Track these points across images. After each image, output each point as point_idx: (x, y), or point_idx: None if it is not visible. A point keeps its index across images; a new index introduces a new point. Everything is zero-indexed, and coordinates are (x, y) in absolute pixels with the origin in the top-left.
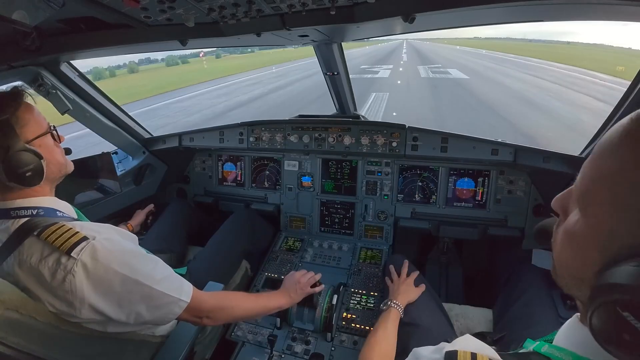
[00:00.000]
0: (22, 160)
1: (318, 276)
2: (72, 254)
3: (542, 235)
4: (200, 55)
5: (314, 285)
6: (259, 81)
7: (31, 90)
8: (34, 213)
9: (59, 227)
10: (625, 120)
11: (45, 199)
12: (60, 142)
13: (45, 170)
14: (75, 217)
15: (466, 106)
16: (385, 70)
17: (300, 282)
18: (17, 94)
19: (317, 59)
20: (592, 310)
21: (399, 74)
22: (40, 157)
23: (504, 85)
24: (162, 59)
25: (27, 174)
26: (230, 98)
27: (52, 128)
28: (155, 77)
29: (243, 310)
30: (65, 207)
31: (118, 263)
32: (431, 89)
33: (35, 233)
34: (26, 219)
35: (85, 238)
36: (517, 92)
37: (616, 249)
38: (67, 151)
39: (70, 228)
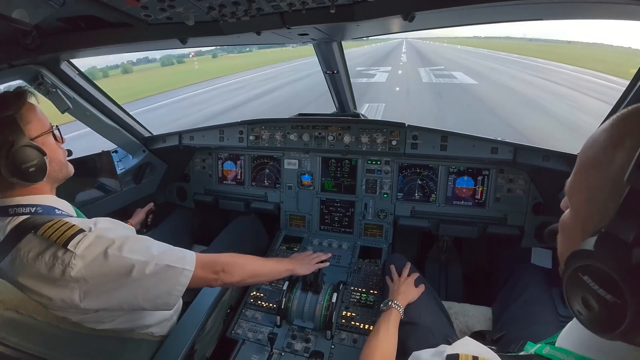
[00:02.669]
0: (26, 156)
1: (326, 256)
2: (68, 247)
3: (552, 237)
4: (190, 55)
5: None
6: (245, 85)
7: (33, 90)
8: (32, 211)
9: (56, 222)
10: (610, 119)
11: (44, 197)
12: (62, 143)
13: (47, 168)
14: (74, 215)
15: (479, 121)
16: (382, 74)
17: (308, 257)
18: (20, 93)
19: (316, 57)
20: (564, 282)
21: (398, 77)
22: (43, 153)
23: (517, 91)
24: (160, 59)
25: (30, 170)
26: (205, 107)
27: (54, 128)
28: (145, 80)
29: (255, 266)
30: (64, 206)
31: (115, 248)
32: (435, 97)
33: (33, 231)
34: (25, 217)
35: (81, 230)
36: (534, 101)
37: (591, 232)
38: (68, 153)
39: (67, 222)
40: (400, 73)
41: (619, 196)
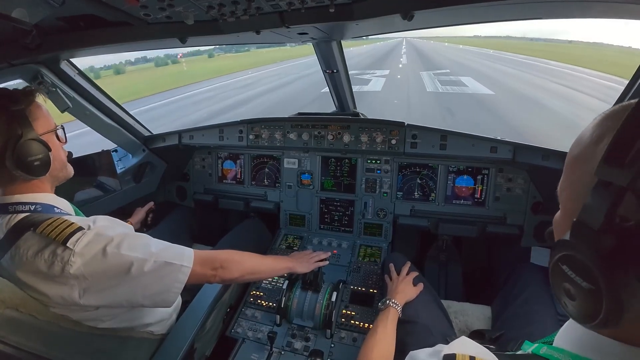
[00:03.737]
0: (33, 149)
1: (325, 254)
2: (67, 244)
3: (553, 237)
4: (179, 56)
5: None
6: (218, 94)
7: (40, 90)
8: (32, 209)
9: (55, 220)
10: (595, 117)
11: (44, 195)
12: (64, 144)
13: (51, 164)
14: (73, 214)
15: None
16: (378, 79)
17: (307, 256)
18: (30, 91)
19: (307, 59)
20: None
21: (396, 84)
22: (49, 149)
23: (548, 108)
24: (154, 58)
25: (35, 163)
26: (162, 123)
27: (58, 128)
28: (131, 82)
29: (253, 263)
30: (63, 204)
31: (113, 245)
32: (445, 114)
33: (32, 229)
34: (24, 214)
35: (80, 228)
36: (576, 124)
37: None
38: (69, 155)
39: (66, 220)
40: (399, 78)
41: None
